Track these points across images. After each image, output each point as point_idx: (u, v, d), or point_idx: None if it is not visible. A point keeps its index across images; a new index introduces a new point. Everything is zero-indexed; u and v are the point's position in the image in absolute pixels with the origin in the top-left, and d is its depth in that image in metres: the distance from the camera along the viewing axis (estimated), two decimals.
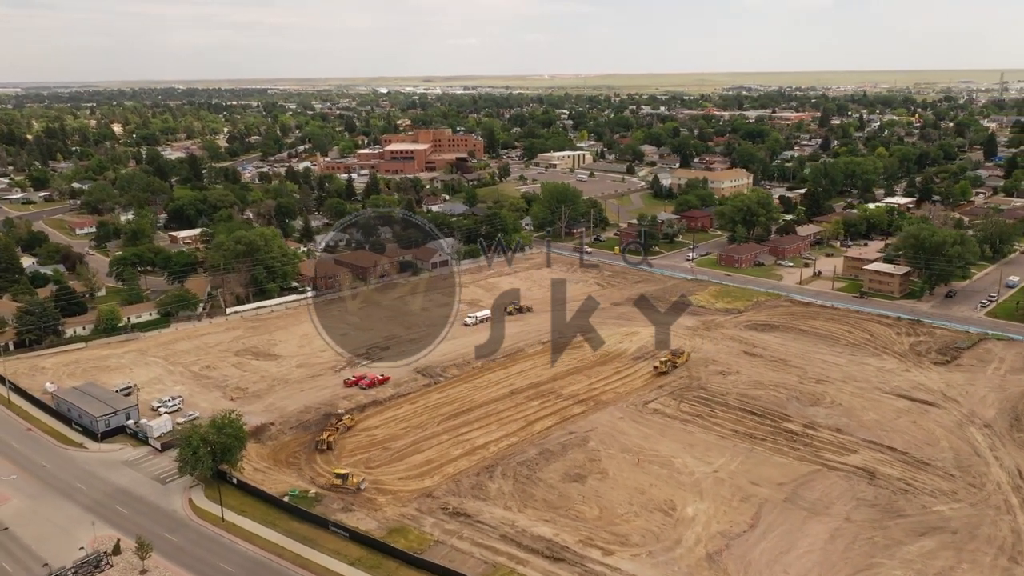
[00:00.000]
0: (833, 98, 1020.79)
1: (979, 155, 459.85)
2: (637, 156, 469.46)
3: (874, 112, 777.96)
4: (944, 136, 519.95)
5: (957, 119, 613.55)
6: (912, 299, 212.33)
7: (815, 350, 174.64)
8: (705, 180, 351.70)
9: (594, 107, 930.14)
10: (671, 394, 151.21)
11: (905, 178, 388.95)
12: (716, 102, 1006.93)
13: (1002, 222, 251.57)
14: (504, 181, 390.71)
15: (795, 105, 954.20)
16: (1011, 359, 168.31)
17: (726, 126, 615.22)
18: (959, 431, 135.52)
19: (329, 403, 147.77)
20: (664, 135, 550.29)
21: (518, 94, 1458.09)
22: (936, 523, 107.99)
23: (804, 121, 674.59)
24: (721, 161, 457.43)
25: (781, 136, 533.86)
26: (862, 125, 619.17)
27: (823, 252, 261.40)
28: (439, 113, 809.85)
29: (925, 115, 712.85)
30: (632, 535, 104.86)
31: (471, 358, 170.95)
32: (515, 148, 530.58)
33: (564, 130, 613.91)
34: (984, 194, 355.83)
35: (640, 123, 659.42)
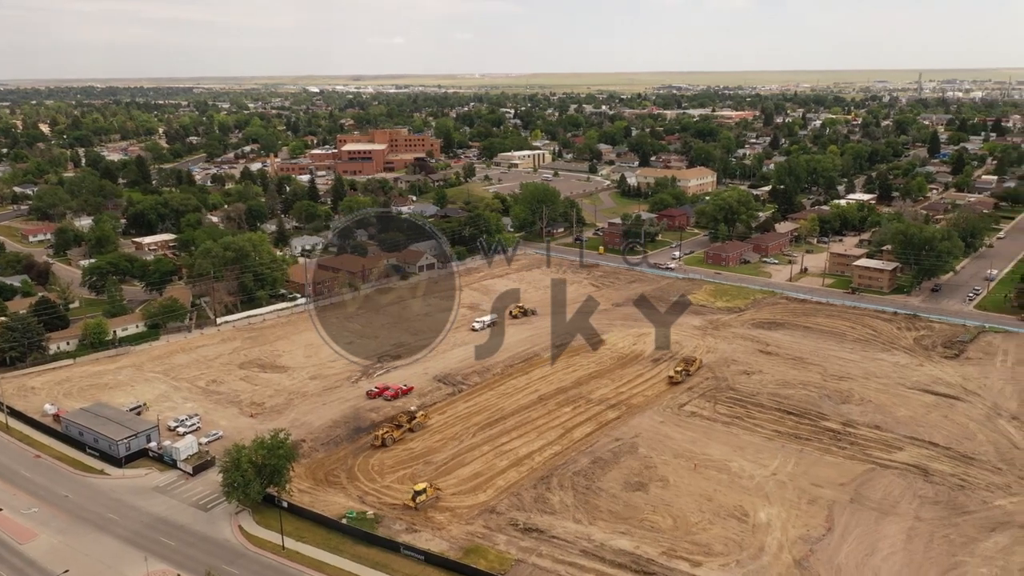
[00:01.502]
0: (767, 97, 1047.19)
1: (923, 152, 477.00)
2: (595, 155, 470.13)
3: (811, 111, 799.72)
4: (888, 134, 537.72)
5: (898, 117, 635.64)
6: (901, 294, 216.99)
7: (826, 347, 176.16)
8: (674, 179, 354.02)
9: (536, 106, 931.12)
10: (703, 396, 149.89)
11: (859, 175, 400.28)
12: (655, 101, 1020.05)
13: (974, 217, 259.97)
14: (470, 181, 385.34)
15: (731, 104, 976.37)
16: (1014, 351, 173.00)
17: (674, 125, 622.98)
18: (990, 424, 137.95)
19: (356, 416, 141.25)
20: (617, 134, 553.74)
21: (454, 93, 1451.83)
22: (1002, 518, 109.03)
23: (748, 119, 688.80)
24: (678, 159, 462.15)
25: (731, 135, 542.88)
26: (805, 124, 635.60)
27: (803, 249, 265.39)
28: (382, 113, 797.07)
29: (861, 114, 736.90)
30: (713, 544, 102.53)
31: (490, 363, 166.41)
32: (471, 148, 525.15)
33: (516, 129, 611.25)
34: (936, 190, 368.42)
35: (589, 122, 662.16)
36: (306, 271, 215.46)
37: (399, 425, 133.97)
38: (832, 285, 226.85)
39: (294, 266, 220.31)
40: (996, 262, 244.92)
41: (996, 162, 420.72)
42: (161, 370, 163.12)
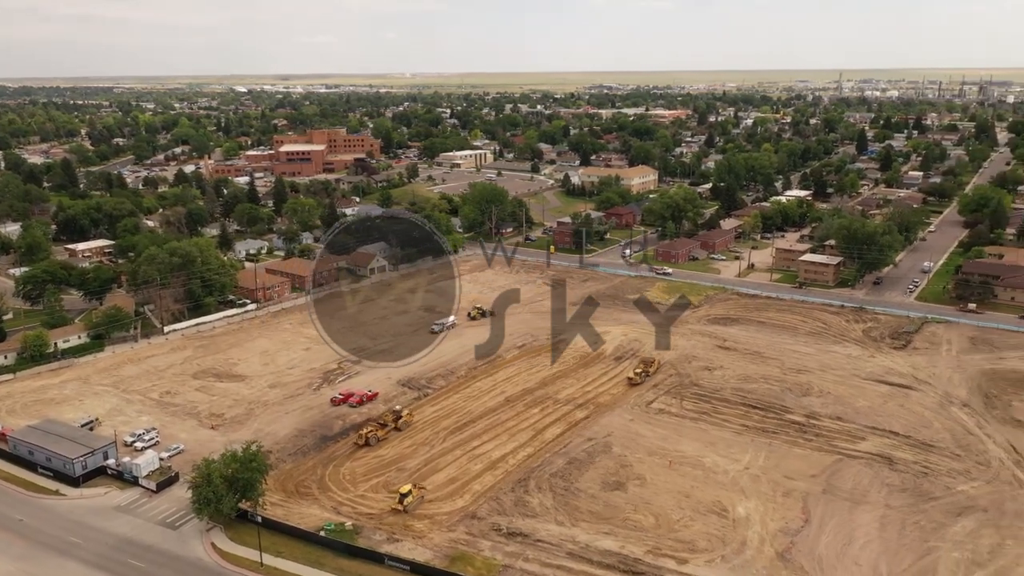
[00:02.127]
0: (697, 96, 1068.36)
1: (852, 149, 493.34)
2: (536, 154, 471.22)
3: (742, 110, 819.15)
4: (817, 132, 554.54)
5: (825, 116, 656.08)
6: (845, 287, 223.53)
7: (781, 341, 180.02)
8: (617, 177, 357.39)
9: (471, 106, 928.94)
10: (668, 393, 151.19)
11: (794, 172, 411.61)
12: (589, 101, 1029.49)
13: (908, 211, 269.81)
14: (413, 182, 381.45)
15: (663, 103, 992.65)
16: (957, 341, 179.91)
17: (611, 124, 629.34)
18: (944, 412, 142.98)
19: (322, 424, 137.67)
20: (556, 133, 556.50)
21: (387, 93, 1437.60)
22: (966, 503, 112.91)
23: (681, 118, 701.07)
24: (618, 158, 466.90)
25: (668, 133, 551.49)
26: (738, 122, 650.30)
27: (748, 245, 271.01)
28: (315, 113, 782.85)
29: (789, 112, 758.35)
30: (697, 541, 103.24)
31: (454, 367, 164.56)
32: (410, 148, 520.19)
33: (455, 129, 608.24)
34: (867, 186, 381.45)
35: (527, 122, 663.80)
36: (255, 276, 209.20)
37: (384, 424, 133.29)
38: (780, 280, 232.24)
39: (242, 271, 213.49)
40: (930, 255, 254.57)
41: (921, 159, 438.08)
42: (110, 382, 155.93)
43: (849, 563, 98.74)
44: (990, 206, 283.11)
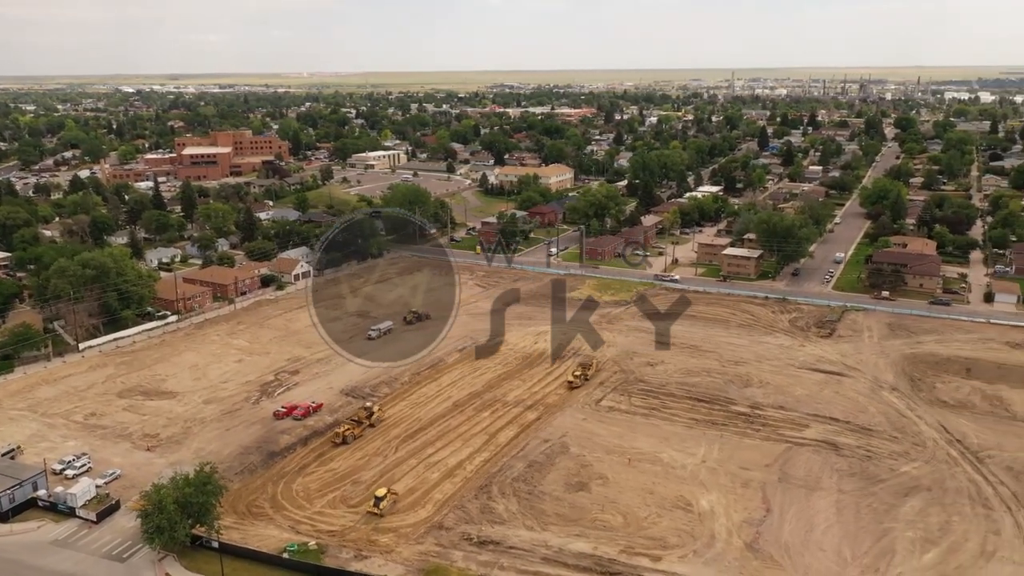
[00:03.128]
0: (600, 95, 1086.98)
1: (754, 145, 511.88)
2: (450, 154, 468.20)
3: (645, 108, 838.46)
4: (720, 129, 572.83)
5: (726, 113, 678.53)
6: (767, 279, 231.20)
7: (715, 334, 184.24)
8: (536, 176, 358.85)
9: (376, 106, 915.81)
10: (616, 390, 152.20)
11: (702, 168, 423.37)
12: (494, 100, 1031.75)
13: (819, 204, 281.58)
14: (328, 184, 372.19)
15: (567, 102, 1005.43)
16: (876, 328, 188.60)
17: (520, 123, 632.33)
18: (876, 396, 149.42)
19: (268, 440, 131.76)
20: (467, 133, 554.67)
21: (285, 92, 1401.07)
22: (910, 483, 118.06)
23: (588, 117, 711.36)
24: (531, 157, 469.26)
25: (577, 132, 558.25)
26: (643, 120, 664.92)
27: (670, 240, 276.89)
28: (213, 114, 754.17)
29: (689, 110, 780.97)
30: (667, 537, 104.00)
31: (396, 373, 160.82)
32: (320, 149, 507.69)
33: (364, 130, 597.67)
34: (773, 180, 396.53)
35: (437, 121, 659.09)
36: (176, 286, 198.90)
37: (359, 422, 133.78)
38: (704, 274, 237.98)
39: (160, 282, 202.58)
40: (840, 246, 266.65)
41: (819, 154, 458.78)
42: (26, 406, 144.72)
43: (814, 549, 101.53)
44: (889, 198, 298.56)
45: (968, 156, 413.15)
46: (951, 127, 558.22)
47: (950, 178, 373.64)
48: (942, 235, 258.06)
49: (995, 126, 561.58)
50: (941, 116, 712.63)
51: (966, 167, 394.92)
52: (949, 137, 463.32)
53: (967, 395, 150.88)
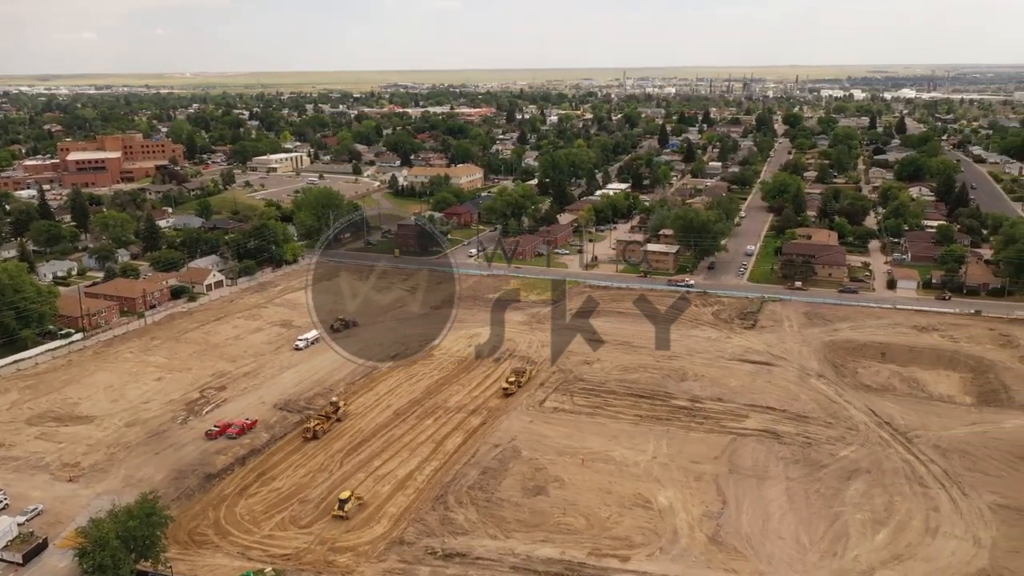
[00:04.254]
0: (497, 94, 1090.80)
1: (655, 143, 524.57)
2: (354, 156, 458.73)
3: (544, 107, 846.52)
4: (620, 127, 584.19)
5: (626, 111, 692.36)
6: (684, 274, 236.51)
7: (644, 329, 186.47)
8: (447, 177, 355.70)
9: (269, 106, 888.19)
10: (557, 390, 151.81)
11: (607, 166, 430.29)
12: (391, 100, 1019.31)
13: (727, 200, 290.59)
14: (231, 189, 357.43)
15: (464, 101, 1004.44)
16: (795, 317, 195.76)
17: (422, 123, 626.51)
18: (805, 384, 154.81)
19: (203, 462, 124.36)
20: (370, 133, 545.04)
21: (169, 94, 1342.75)
22: (850, 466, 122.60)
23: (489, 116, 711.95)
24: (438, 157, 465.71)
25: (481, 131, 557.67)
26: (544, 119, 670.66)
27: (587, 238, 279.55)
28: (94, 116, 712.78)
29: (587, 109, 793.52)
30: (632, 536, 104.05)
31: (330, 383, 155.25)
32: (216, 152, 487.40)
33: (261, 132, 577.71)
34: (676, 176, 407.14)
35: (336, 122, 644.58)
36: (80, 302, 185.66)
37: (327, 416, 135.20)
38: (624, 271, 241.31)
39: (60, 298, 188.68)
40: (749, 239, 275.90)
41: (717, 150, 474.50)
42: None
43: (774, 537, 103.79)
44: (789, 192, 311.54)
45: (855, 151, 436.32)
46: (834, 123, 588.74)
47: (840, 171, 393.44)
48: (842, 226, 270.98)
49: (873, 122, 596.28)
50: (822, 113, 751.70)
51: (853, 161, 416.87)
52: (836, 133, 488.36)
53: (887, 379, 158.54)
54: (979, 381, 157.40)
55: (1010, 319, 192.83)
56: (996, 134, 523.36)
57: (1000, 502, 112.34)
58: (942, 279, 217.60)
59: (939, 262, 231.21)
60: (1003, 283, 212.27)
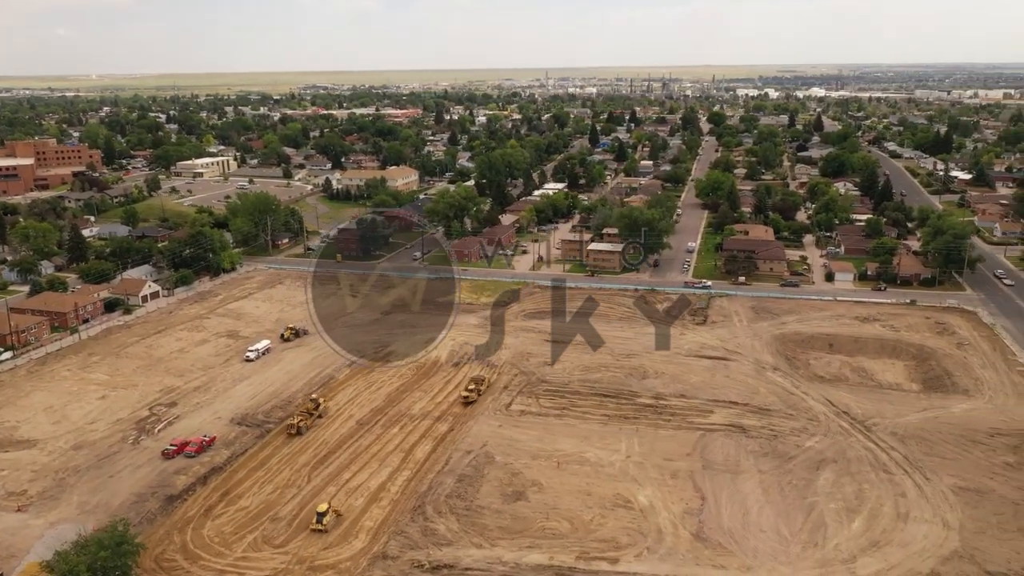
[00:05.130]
0: (421, 95, 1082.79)
1: (585, 142, 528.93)
2: (283, 159, 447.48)
3: (469, 108, 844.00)
4: (551, 127, 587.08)
5: (554, 111, 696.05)
6: (631, 272, 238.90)
7: (600, 329, 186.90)
8: (383, 179, 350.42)
9: (186, 109, 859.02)
10: (522, 392, 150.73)
11: (541, 166, 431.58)
12: (314, 102, 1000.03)
13: (666, 197, 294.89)
14: (157, 195, 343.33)
15: (388, 103, 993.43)
16: (743, 312, 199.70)
17: (350, 125, 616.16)
18: (762, 377, 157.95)
19: (163, 483, 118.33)
20: (297, 136, 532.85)
21: (75, 96, 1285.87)
22: (817, 456, 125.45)
23: (416, 117, 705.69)
24: (369, 159, 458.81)
25: (411, 132, 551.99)
26: (473, 120, 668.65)
27: (530, 238, 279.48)
28: (1, 121, 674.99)
29: (514, 109, 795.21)
30: (618, 537, 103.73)
31: (288, 395, 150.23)
32: (136, 157, 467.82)
33: (182, 135, 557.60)
34: (610, 175, 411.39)
35: (260, 125, 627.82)
36: (8, 319, 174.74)
37: (309, 413, 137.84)
38: (571, 270, 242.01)
39: None
40: (688, 236, 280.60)
41: (647, 149, 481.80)
42: None
43: (755, 531, 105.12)
44: (723, 189, 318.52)
45: (779, 148, 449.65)
46: (756, 121, 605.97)
47: (767, 168, 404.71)
48: (776, 222, 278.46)
49: (792, 120, 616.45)
50: (742, 111, 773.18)
51: (779, 158, 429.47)
52: (760, 131, 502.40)
53: (838, 369, 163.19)
54: (922, 368, 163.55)
55: (943, 307, 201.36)
56: (907, 131, 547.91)
57: (960, 484, 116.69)
58: (877, 271, 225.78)
59: (871, 254, 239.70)
60: (933, 273, 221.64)
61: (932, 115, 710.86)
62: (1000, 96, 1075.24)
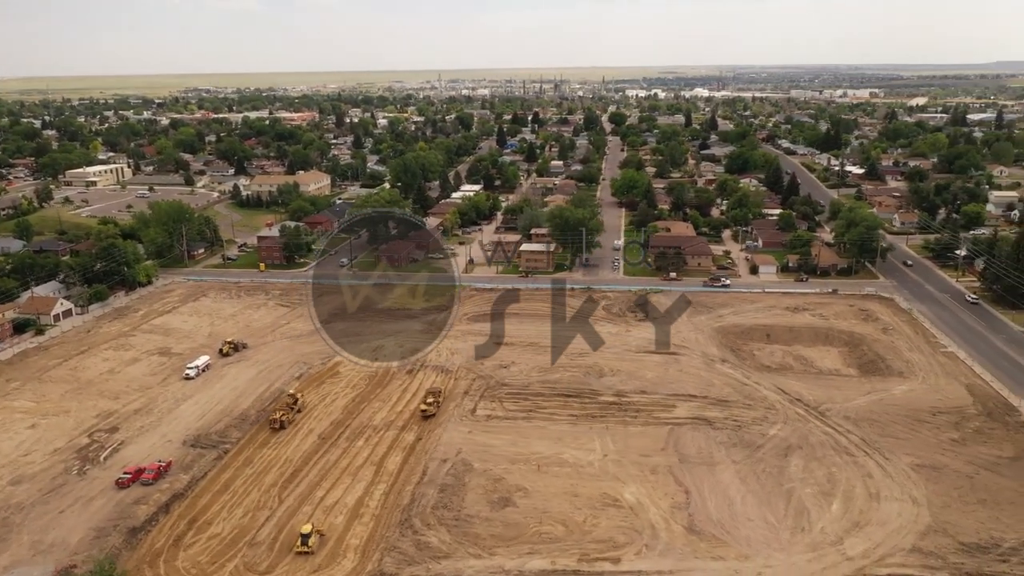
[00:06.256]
0: (316, 98, 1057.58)
1: (492, 143, 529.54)
2: (181, 166, 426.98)
3: (367, 111, 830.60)
4: (457, 129, 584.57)
5: (458, 113, 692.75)
6: (563, 271, 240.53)
7: (546, 329, 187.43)
8: (296, 184, 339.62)
9: (60, 114, 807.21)
10: (484, 397, 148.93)
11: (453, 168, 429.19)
12: (203, 106, 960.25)
13: (588, 197, 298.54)
14: (50, 206, 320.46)
15: (280, 105, 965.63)
16: (680, 306, 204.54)
17: (246, 130, 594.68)
18: (714, 370, 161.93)
19: (122, 515, 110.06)
20: (192, 141, 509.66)
21: None
22: (782, 443, 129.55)
23: (315, 120, 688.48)
24: (273, 164, 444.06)
25: (314, 136, 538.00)
26: (375, 123, 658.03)
27: (457, 241, 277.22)
28: None
29: (412, 111, 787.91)
30: (614, 537, 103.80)
31: (240, 412, 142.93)
32: (16, 166, 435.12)
33: (65, 142, 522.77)
34: (524, 176, 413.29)
35: (150, 130, 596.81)
36: None
37: (290, 407, 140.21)
38: (504, 272, 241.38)
39: None
40: (611, 234, 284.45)
41: (555, 149, 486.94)
42: None
43: (743, 520, 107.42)
44: (639, 187, 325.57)
45: (684, 147, 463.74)
46: (654, 121, 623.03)
47: (674, 166, 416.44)
48: (695, 218, 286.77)
49: (689, 119, 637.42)
50: (636, 111, 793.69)
51: (684, 156, 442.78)
52: (663, 130, 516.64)
53: (781, 358, 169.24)
54: (856, 354, 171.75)
55: (863, 295, 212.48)
56: (795, 128, 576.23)
57: (917, 462, 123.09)
58: (797, 262, 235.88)
59: (788, 247, 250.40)
60: (849, 263, 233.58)
61: (813, 113, 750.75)
62: (867, 95, 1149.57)
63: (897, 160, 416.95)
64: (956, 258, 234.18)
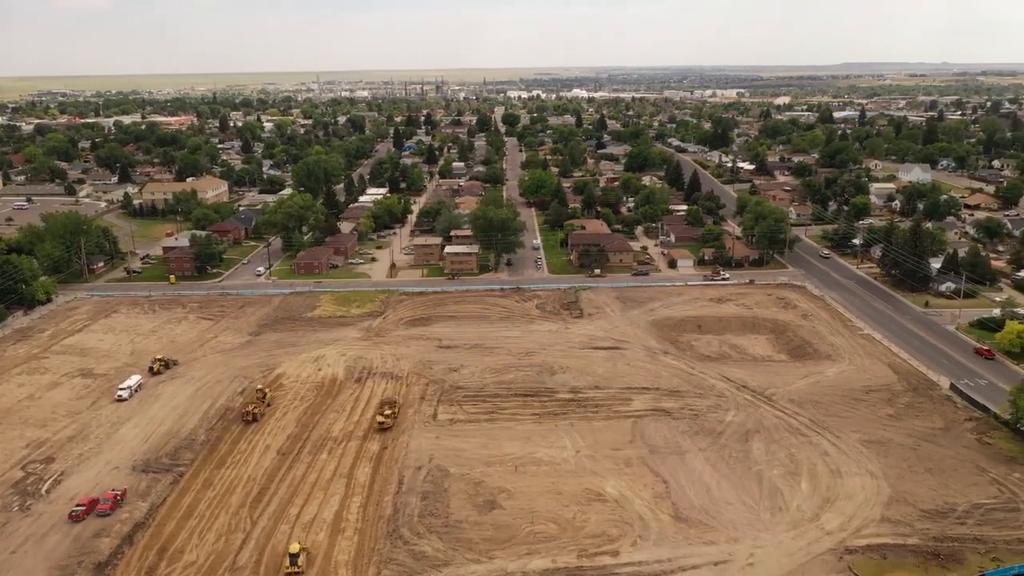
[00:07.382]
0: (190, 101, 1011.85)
1: (389, 145, 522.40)
2: (58, 174, 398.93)
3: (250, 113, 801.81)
4: (349, 132, 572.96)
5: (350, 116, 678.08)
6: (488, 272, 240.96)
7: (486, 330, 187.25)
8: (194, 192, 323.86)
9: None
10: (442, 401, 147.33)
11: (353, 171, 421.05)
12: (67, 110, 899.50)
13: (496, 197, 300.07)
14: None
15: (151, 109, 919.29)
16: (611, 302, 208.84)
17: (122, 135, 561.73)
18: (659, 361, 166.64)
19: (83, 551, 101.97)
20: (67, 148, 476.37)
21: None
22: (740, 429, 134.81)
23: (194, 124, 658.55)
24: (160, 171, 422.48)
25: (200, 140, 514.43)
26: (262, 126, 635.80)
27: (375, 245, 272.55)
28: None
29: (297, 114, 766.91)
30: (607, 531, 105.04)
31: (187, 433, 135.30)
32: None
33: None
34: (428, 178, 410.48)
35: (11, 137, 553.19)
36: None
37: (260, 400, 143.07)
38: (430, 275, 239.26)
39: None
40: (527, 234, 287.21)
41: (454, 151, 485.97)
42: None
43: (723, 505, 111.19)
44: (548, 187, 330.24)
45: (582, 146, 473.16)
46: (546, 122, 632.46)
47: (575, 165, 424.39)
48: (607, 216, 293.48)
49: (579, 119, 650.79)
50: (523, 112, 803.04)
51: (583, 155, 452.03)
52: (560, 130, 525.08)
53: (719, 347, 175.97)
54: (783, 340, 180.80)
55: (777, 284, 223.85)
56: (681, 127, 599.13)
57: (865, 438, 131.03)
58: (713, 256, 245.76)
59: (701, 241, 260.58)
60: (760, 255, 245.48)
61: (692, 112, 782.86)
62: (735, 95, 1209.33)
63: (782, 156, 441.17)
64: (855, 247, 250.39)
